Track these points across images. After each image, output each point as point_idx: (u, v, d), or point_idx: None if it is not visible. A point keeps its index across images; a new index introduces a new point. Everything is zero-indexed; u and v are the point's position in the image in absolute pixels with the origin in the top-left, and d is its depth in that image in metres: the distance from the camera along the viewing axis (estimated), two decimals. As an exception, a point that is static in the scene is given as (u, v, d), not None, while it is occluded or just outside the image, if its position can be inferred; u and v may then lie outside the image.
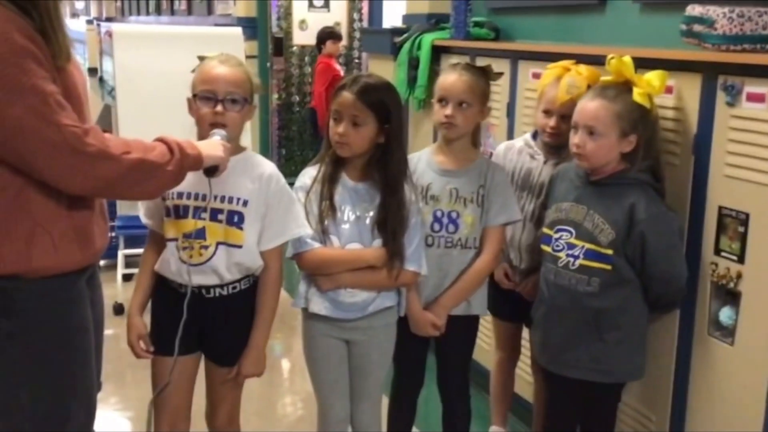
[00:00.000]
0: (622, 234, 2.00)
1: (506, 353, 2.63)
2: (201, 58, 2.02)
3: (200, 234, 1.96)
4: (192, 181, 1.89)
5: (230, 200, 1.97)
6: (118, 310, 3.78)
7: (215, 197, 1.95)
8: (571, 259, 2.08)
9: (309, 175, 2.12)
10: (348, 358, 2.18)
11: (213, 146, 1.84)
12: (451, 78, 2.21)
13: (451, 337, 2.27)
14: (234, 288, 2.02)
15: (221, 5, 7.39)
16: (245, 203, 1.97)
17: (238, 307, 2.04)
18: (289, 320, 3.57)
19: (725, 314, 1.98)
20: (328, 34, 6.28)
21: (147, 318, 2.08)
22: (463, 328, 2.29)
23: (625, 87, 2.04)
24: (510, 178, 2.35)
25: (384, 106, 2.04)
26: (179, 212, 1.97)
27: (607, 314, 2.05)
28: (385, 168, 2.07)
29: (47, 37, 1.47)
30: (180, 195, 1.96)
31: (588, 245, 2.05)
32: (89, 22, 16.72)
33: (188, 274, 1.96)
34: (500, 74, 2.33)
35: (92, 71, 9.71)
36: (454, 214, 2.22)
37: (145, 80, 4.04)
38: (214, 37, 4.40)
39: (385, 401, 2.34)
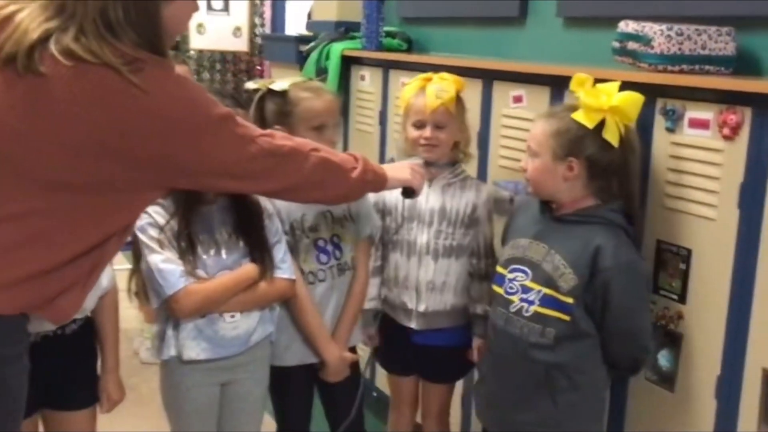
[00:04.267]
0: (585, 280, 1.74)
1: (406, 410, 2.32)
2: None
3: None
4: None
5: None
6: None
7: None
8: (525, 305, 1.80)
9: (154, 209, 1.84)
10: (223, 403, 1.97)
11: (399, 169, 1.82)
12: (323, 100, 2.05)
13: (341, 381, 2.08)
14: (82, 319, 1.86)
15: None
16: None
17: (86, 336, 1.89)
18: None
19: (664, 357, 1.83)
20: None
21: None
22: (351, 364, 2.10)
23: (564, 107, 1.86)
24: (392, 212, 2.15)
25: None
26: None
27: (561, 371, 1.78)
28: None
29: None
30: None
31: (546, 290, 1.77)
32: None
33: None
34: None
35: None
36: (336, 239, 2.06)
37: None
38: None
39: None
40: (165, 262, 1.82)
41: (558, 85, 2.05)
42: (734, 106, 1.62)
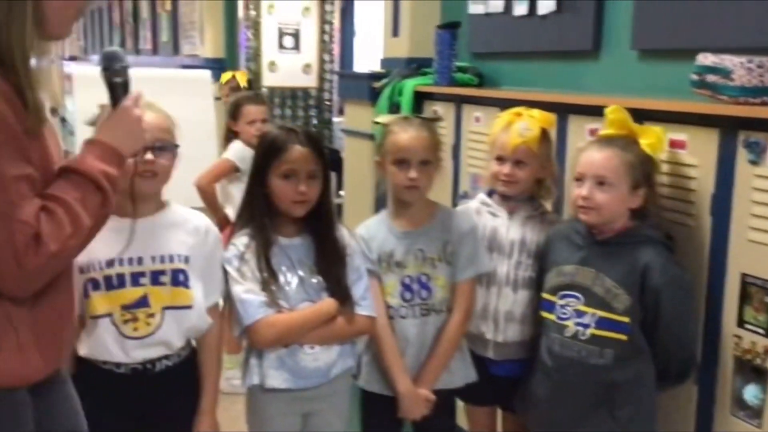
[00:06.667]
0: (636, 298, 1.82)
1: None
2: None
3: (143, 302, 1.77)
4: (121, 247, 1.74)
5: (170, 259, 1.80)
6: None
7: (153, 258, 1.78)
8: (581, 329, 1.88)
9: (241, 242, 1.92)
10: None
11: (132, 131, 1.47)
12: (410, 136, 2.03)
13: (434, 418, 2.05)
14: (179, 356, 1.84)
15: (188, 45, 7.19)
16: (186, 259, 1.81)
17: (184, 376, 1.87)
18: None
19: (750, 393, 1.80)
20: None
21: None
22: (445, 404, 2.09)
23: (630, 138, 1.90)
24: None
25: (325, 153, 1.96)
26: (113, 283, 1.76)
27: (621, 389, 1.86)
28: (320, 218, 1.96)
29: (25, 99, 1.26)
30: (110, 263, 1.76)
31: (601, 313, 1.85)
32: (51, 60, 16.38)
33: (132, 350, 1.77)
34: (440, 119, 2.18)
35: (53, 111, 9.41)
36: (424, 278, 2.05)
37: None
38: (181, 80, 4.19)
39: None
40: (246, 292, 1.88)
41: (636, 118, 2.05)
42: (820, 137, 1.61)
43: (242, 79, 5.24)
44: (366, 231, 2.10)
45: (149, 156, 1.76)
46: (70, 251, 1.31)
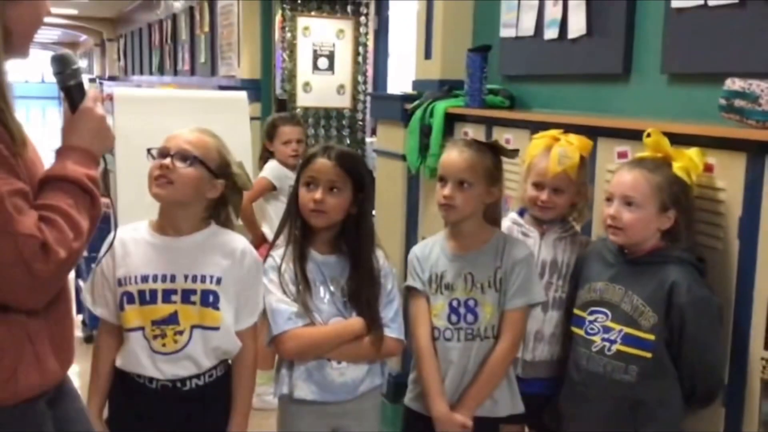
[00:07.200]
0: (662, 317, 1.85)
1: None
2: None
3: (172, 319, 1.81)
4: (157, 263, 1.80)
5: (202, 279, 1.83)
6: None
7: (185, 277, 1.81)
8: (607, 344, 1.92)
9: (278, 254, 1.99)
10: None
11: (99, 130, 1.46)
12: (451, 155, 2.04)
13: None
14: (210, 376, 1.87)
15: (225, 66, 7.33)
16: (218, 281, 1.84)
17: (215, 397, 1.89)
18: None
19: (777, 414, 1.80)
20: None
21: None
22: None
23: (663, 161, 1.93)
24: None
25: (360, 174, 1.97)
26: (145, 298, 1.81)
27: (646, 407, 1.88)
28: (355, 240, 1.99)
29: (5, 123, 1.28)
30: (145, 278, 1.81)
31: (626, 329, 1.89)
32: (92, 80, 16.79)
33: (162, 364, 1.82)
34: (515, 151, 2.16)
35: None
36: (471, 303, 2.03)
37: (147, 144, 3.90)
38: (218, 101, 4.28)
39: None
40: (278, 302, 1.93)
41: (664, 142, 2.08)
42: None
43: None
44: (420, 250, 2.12)
45: (166, 161, 1.82)
46: (76, 254, 1.33)
